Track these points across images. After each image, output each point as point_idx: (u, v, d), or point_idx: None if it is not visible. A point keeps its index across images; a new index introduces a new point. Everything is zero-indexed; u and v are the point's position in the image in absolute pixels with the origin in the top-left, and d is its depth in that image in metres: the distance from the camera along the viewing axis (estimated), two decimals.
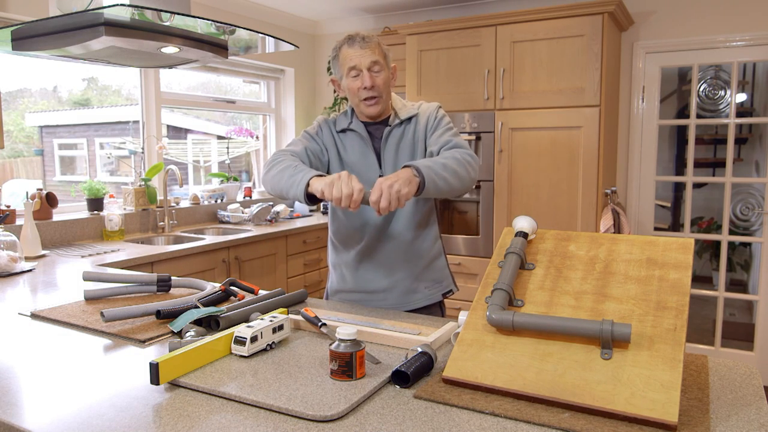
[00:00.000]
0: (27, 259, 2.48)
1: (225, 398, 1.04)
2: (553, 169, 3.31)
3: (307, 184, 1.46)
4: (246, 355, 1.21)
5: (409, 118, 1.76)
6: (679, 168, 5.09)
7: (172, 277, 1.80)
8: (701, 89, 4.71)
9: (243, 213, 3.92)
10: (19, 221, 2.86)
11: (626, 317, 1.08)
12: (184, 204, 3.83)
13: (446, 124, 1.75)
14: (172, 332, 1.41)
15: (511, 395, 1.03)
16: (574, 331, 1.04)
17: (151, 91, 3.67)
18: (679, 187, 5.06)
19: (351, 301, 1.81)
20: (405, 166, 1.48)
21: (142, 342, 1.35)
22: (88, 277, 1.81)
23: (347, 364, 1.09)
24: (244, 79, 4.56)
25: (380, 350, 1.28)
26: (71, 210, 3.33)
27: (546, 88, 3.29)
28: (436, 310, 1.84)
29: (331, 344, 1.13)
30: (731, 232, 4.31)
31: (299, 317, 1.44)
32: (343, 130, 1.78)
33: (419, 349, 1.17)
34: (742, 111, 4.82)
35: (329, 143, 1.79)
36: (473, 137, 3.49)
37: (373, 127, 1.78)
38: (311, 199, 1.48)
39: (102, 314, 1.43)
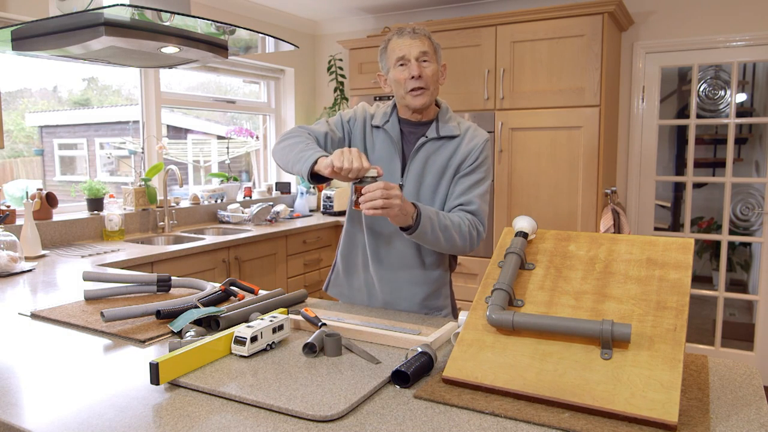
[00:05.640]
0: (27, 259, 2.48)
1: (225, 398, 1.04)
2: (553, 169, 3.31)
3: (315, 162, 1.45)
4: (246, 355, 1.21)
5: (450, 137, 1.68)
6: (679, 168, 5.09)
7: (172, 277, 1.80)
8: (701, 89, 4.71)
9: (243, 213, 3.92)
10: (19, 221, 2.86)
11: (626, 317, 1.08)
12: (184, 204, 3.83)
13: (483, 172, 1.67)
14: (172, 332, 1.41)
15: (511, 395, 1.03)
16: (574, 331, 1.04)
17: (151, 91, 3.67)
18: (679, 187, 5.06)
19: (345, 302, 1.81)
20: (413, 203, 1.49)
21: (142, 342, 1.35)
22: (88, 277, 1.80)
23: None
24: (244, 79, 4.56)
25: (380, 350, 1.28)
26: (71, 210, 3.33)
27: (546, 88, 3.29)
28: None
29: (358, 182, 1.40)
30: (731, 232, 4.31)
31: (299, 317, 1.44)
32: (378, 127, 1.72)
33: (419, 349, 1.17)
34: (742, 111, 4.82)
35: (358, 137, 1.74)
36: None
37: (410, 128, 1.71)
38: (314, 177, 1.48)
39: (102, 314, 1.43)
